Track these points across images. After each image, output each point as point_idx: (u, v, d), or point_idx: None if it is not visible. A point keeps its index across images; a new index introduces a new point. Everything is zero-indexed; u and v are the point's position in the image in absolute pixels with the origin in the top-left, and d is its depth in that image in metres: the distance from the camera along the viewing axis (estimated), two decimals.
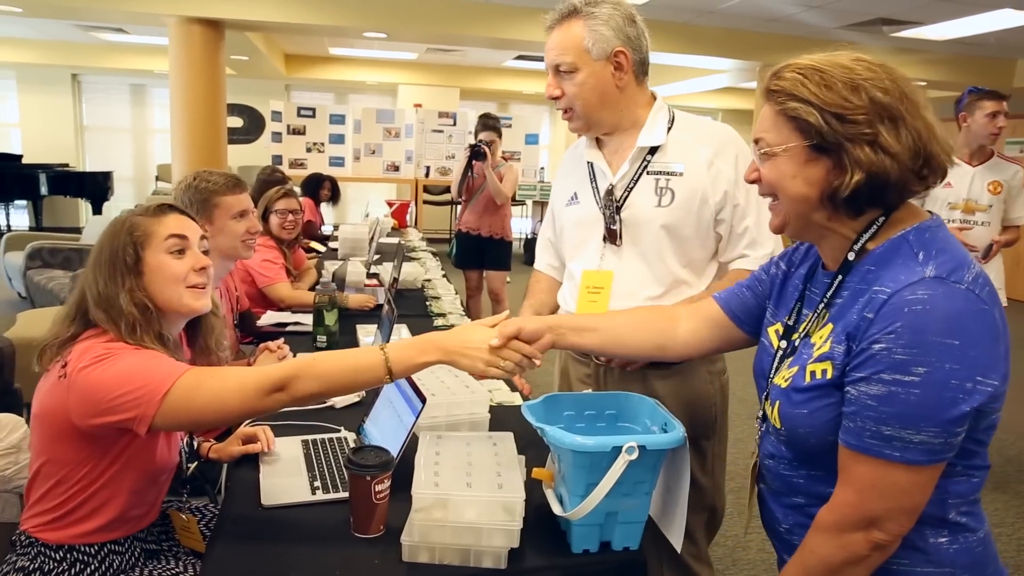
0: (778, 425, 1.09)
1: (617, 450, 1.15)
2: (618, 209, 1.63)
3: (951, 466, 0.98)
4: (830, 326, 1.02)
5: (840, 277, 1.05)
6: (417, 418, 1.41)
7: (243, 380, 1.23)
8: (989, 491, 3.36)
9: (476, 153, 4.71)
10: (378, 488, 1.23)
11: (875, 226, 1.02)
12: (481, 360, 1.26)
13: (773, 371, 1.13)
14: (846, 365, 0.98)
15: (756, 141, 1.07)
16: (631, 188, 1.63)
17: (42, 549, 1.34)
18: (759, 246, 1.59)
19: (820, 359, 1.02)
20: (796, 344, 1.11)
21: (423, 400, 1.41)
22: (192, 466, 1.53)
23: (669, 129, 1.63)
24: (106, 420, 1.22)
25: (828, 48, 1.03)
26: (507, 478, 1.23)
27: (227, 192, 2.08)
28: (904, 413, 0.91)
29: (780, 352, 1.14)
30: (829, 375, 1.00)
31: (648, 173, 1.62)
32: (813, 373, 1.02)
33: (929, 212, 1.04)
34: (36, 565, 1.34)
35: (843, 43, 1.06)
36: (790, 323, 1.14)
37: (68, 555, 1.34)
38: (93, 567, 1.36)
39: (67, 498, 1.32)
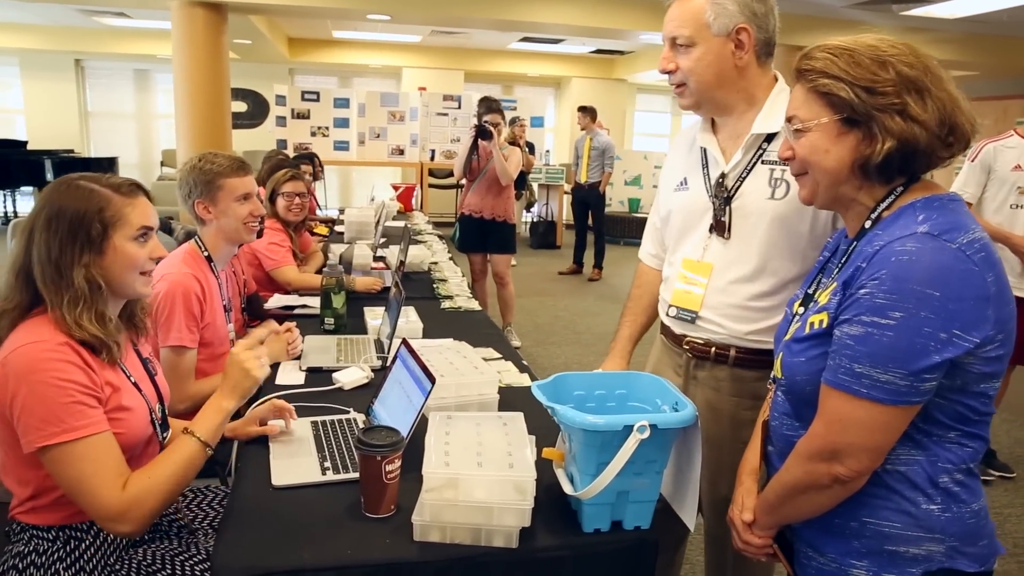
0: (779, 375, 1.17)
1: (628, 429, 1.15)
2: (728, 200, 1.52)
3: (946, 430, 1.03)
4: (834, 284, 1.09)
5: (855, 244, 1.09)
6: (427, 398, 1.40)
7: (108, 488, 1.24)
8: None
9: (482, 132, 4.67)
10: (388, 468, 1.23)
11: (893, 196, 1.07)
12: (254, 371, 1.38)
13: (785, 333, 1.18)
14: (839, 312, 1.03)
15: (789, 120, 1.12)
16: (744, 178, 1.51)
17: (35, 532, 1.34)
18: None
19: (820, 310, 1.09)
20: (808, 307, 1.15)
21: (432, 380, 1.41)
22: (167, 435, 1.51)
23: None
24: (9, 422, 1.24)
25: (838, 26, 1.11)
26: (518, 457, 1.22)
27: (231, 174, 2.07)
28: (875, 353, 0.97)
29: (796, 317, 1.17)
30: (825, 324, 1.06)
31: (763, 162, 1.50)
32: (812, 324, 1.09)
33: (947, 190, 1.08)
34: (31, 548, 1.33)
35: (853, 23, 1.08)
36: (811, 291, 1.19)
37: (60, 534, 1.34)
38: (87, 543, 1.36)
39: (45, 484, 1.30)
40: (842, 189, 1.09)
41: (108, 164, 9.58)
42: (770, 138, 1.50)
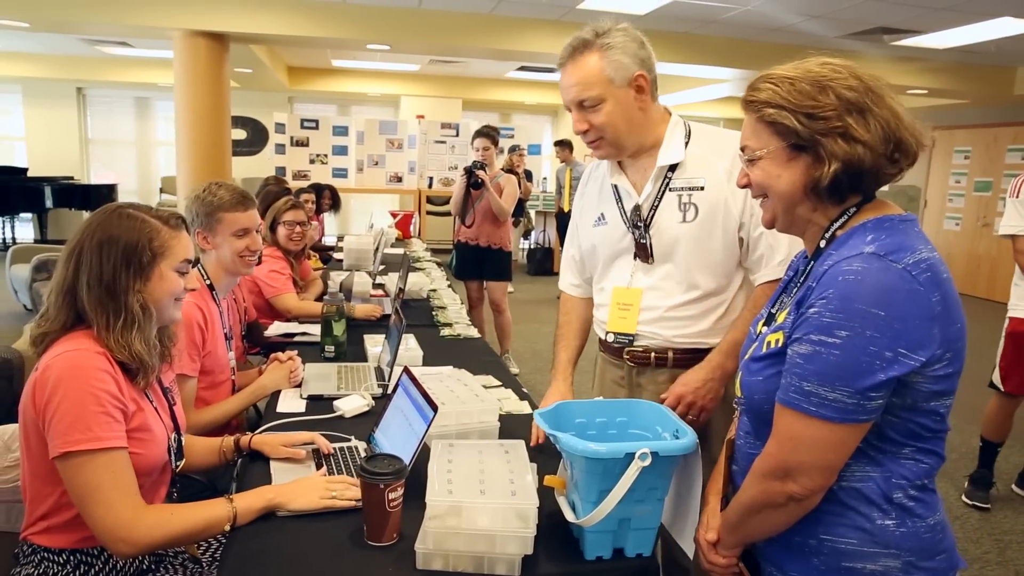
0: (739, 394, 1.19)
1: (630, 456, 1.16)
2: (647, 227, 1.66)
3: (899, 447, 1.04)
4: (791, 303, 1.10)
5: (812, 264, 1.12)
6: (429, 426, 1.41)
7: (129, 508, 1.27)
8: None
9: (473, 184, 4.73)
10: (391, 496, 1.24)
11: (846, 216, 1.10)
12: (316, 496, 1.37)
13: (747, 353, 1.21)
14: (792, 331, 1.05)
15: (742, 149, 1.16)
16: (656, 206, 1.66)
17: (45, 555, 1.35)
18: (776, 251, 1.59)
19: (776, 330, 1.11)
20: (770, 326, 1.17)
21: (435, 408, 1.42)
22: (180, 464, 1.53)
23: (687, 144, 1.65)
24: (40, 427, 1.27)
25: (832, 57, 1.12)
26: (520, 485, 1.23)
27: (231, 208, 2.07)
28: (823, 372, 0.99)
29: (758, 336, 1.19)
30: (780, 343, 1.08)
31: (671, 190, 1.65)
32: (769, 343, 1.11)
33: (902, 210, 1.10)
34: (40, 571, 1.34)
35: (846, 53, 1.12)
36: (773, 311, 1.21)
37: (71, 558, 1.35)
38: (97, 568, 1.36)
39: (61, 502, 1.32)
40: (798, 211, 1.12)
41: (107, 191, 9.62)
42: (674, 167, 1.64)
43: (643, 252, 1.68)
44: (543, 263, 9.85)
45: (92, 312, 1.33)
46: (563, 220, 8.37)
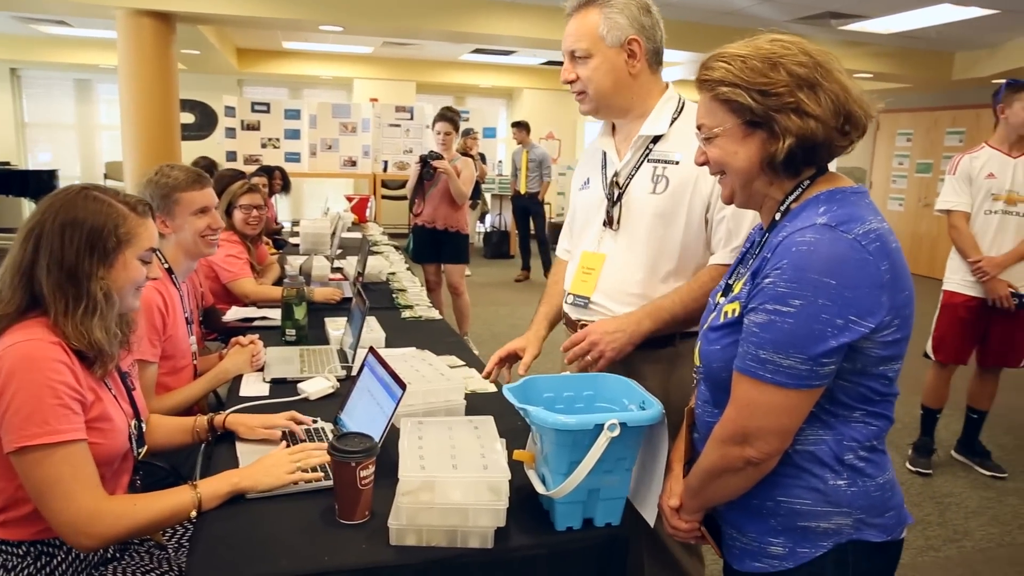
0: (697, 363, 1.23)
1: (599, 428, 1.18)
2: (620, 195, 1.68)
3: (851, 411, 1.09)
4: (747, 274, 1.13)
5: (767, 235, 1.15)
6: (398, 404, 1.42)
7: (92, 496, 1.24)
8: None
9: (426, 173, 4.74)
10: (363, 474, 1.24)
11: (800, 189, 1.13)
12: (282, 471, 1.37)
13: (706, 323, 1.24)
14: (748, 301, 1.08)
15: (699, 127, 1.18)
16: (632, 175, 1.68)
17: (4, 547, 1.31)
18: (733, 238, 1.59)
19: (732, 300, 1.14)
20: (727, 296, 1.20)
21: (403, 387, 1.43)
22: (142, 451, 1.51)
23: (675, 119, 1.67)
24: None
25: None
26: (491, 459, 1.25)
27: (188, 188, 2.05)
28: (777, 340, 1.02)
29: (716, 306, 1.23)
30: (737, 313, 1.11)
31: (648, 161, 1.67)
32: (726, 313, 1.15)
33: (853, 182, 1.13)
34: (0, 563, 1.31)
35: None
36: (730, 282, 1.24)
37: (32, 549, 1.32)
38: (59, 559, 1.33)
39: (18, 496, 1.28)
40: (755, 186, 1.15)
41: (47, 176, 9.25)
42: (656, 139, 1.67)
43: (611, 219, 1.70)
44: (499, 246, 9.86)
45: (50, 296, 1.28)
46: (519, 203, 8.35)
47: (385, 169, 9.22)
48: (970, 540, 2.86)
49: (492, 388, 2.01)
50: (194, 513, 1.29)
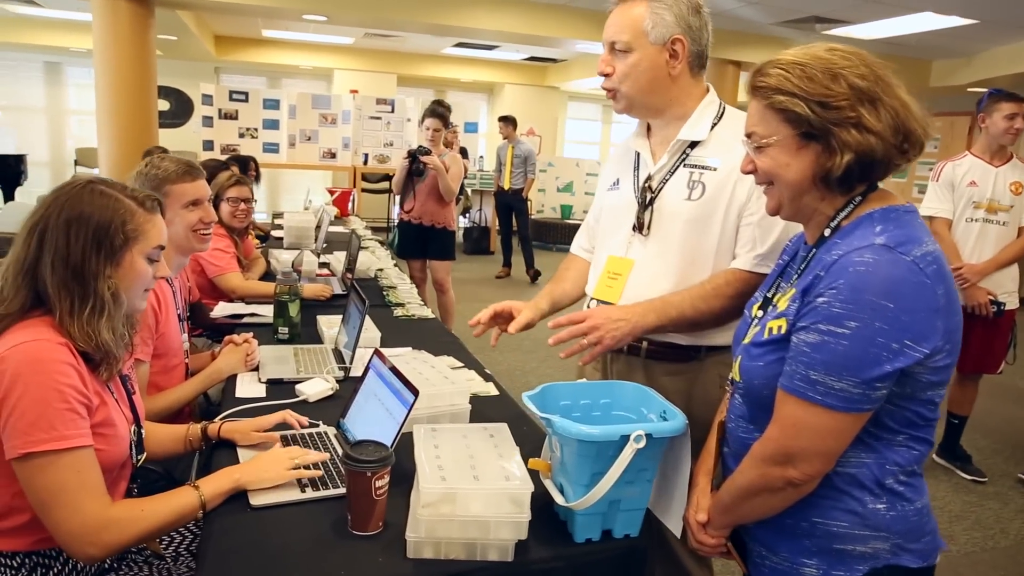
0: (738, 379, 1.19)
1: (624, 439, 1.16)
2: (653, 200, 1.61)
3: (895, 434, 1.06)
4: (793, 290, 1.11)
5: (814, 251, 1.12)
6: (409, 411, 1.38)
7: (93, 504, 1.18)
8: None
9: (416, 171, 4.68)
10: (378, 484, 1.20)
11: (852, 205, 1.10)
12: (282, 468, 1.34)
13: (744, 336, 1.21)
14: (797, 319, 1.05)
15: (748, 135, 1.13)
16: (667, 180, 1.61)
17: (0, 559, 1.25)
18: (759, 245, 1.53)
19: (778, 316, 1.11)
20: (767, 311, 1.18)
21: (415, 393, 1.38)
22: (141, 458, 1.45)
23: (715, 125, 1.61)
24: None
25: (766, 42, 1.11)
26: (512, 470, 1.21)
27: (179, 180, 1.98)
28: (831, 361, 1.00)
29: (755, 320, 1.20)
30: (784, 330, 1.08)
31: (685, 166, 1.60)
32: (771, 329, 1.11)
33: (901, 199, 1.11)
34: None
35: (780, 39, 1.10)
36: (769, 295, 1.21)
37: (27, 560, 1.26)
38: (56, 570, 1.28)
39: (16, 504, 1.22)
40: (805, 200, 1.12)
41: (15, 162, 9.02)
42: (694, 145, 1.60)
43: (640, 224, 1.62)
44: (480, 242, 9.81)
45: (55, 295, 1.22)
46: (502, 199, 8.27)
47: (365, 162, 9.10)
48: (955, 544, 2.90)
49: (494, 391, 1.98)
50: (200, 514, 1.25)
